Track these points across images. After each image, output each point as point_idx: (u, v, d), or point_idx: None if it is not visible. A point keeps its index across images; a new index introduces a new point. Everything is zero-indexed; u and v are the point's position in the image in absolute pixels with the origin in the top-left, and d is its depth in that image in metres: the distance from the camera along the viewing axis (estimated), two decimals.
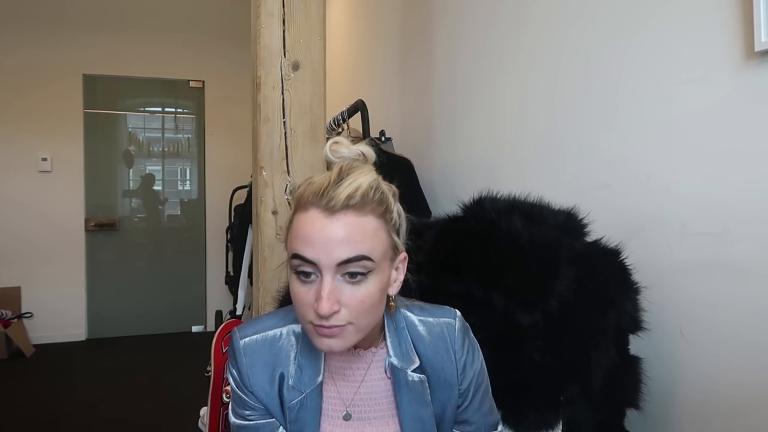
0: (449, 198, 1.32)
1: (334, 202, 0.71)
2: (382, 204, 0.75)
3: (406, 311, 0.87)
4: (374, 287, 0.73)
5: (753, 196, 0.91)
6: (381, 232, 0.74)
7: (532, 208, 1.05)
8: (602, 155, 1.23)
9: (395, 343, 0.84)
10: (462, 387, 0.85)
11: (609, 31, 1.21)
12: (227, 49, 4.63)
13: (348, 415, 0.83)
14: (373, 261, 0.72)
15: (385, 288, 0.77)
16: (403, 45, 2.34)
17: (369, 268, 0.72)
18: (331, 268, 0.71)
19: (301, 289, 0.73)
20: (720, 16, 0.95)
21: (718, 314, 0.97)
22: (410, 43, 2.25)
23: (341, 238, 0.70)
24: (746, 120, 0.92)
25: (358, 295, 0.72)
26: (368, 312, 0.74)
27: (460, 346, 0.85)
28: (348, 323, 0.73)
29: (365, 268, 0.72)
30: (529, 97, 1.49)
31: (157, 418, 2.90)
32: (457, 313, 0.88)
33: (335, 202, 0.71)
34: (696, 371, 1.02)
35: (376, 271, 0.73)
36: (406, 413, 0.82)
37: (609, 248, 1.05)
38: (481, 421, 0.87)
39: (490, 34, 1.66)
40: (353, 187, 0.72)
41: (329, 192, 0.72)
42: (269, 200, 1.41)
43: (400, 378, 0.83)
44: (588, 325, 0.99)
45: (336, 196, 0.71)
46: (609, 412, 1.02)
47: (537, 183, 1.40)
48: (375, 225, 0.73)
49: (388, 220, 0.76)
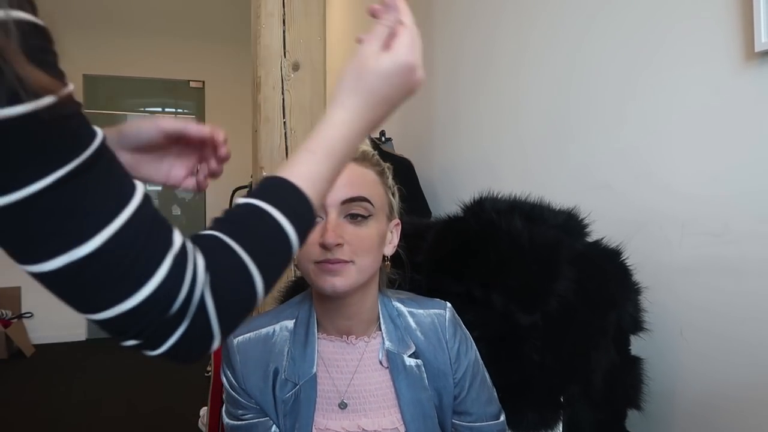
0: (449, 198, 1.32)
1: None
2: (380, 166, 0.86)
3: (398, 303, 0.89)
4: (374, 231, 0.80)
5: (753, 196, 0.91)
6: (379, 186, 0.83)
7: (533, 209, 1.05)
8: (602, 155, 1.23)
9: (390, 329, 0.85)
10: (457, 376, 0.86)
11: (609, 32, 1.21)
12: (227, 50, 4.63)
13: (343, 403, 0.83)
14: (373, 205, 0.80)
15: (382, 239, 0.82)
16: None
17: (369, 211, 0.79)
18: (336, 206, 0.77)
19: None
20: (720, 16, 0.95)
21: (718, 314, 0.97)
22: None
23: (345, 181, 0.77)
24: (746, 120, 0.92)
25: (359, 233, 0.78)
26: (368, 252, 0.79)
27: (452, 335, 0.87)
28: (350, 261, 0.77)
29: (366, 211, 0.79)
30: (529, 97, 1.49)
31: (157, 418, 2.90)
32: (448, 305, 0.90)
33: None
34: (696, 371, 1.02)
35: (375, 218, 0.80)
36: (405, 398, 0.83)
37: (610, 248, 1.05)
38: (481, 411, 0.88)
39: (491, 34, 1.66)
40: None
41: None
42: None
43: (397, 363, 0.83)
44: (588, 326, 0.99)
45: None
46: (610, 412, 1.02)
47: (537, 183, 1.40)
48: (374, 178, 0.83)
49: (385, 181, 0.85)
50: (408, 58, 0.57)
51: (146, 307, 0.42)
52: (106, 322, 0.42)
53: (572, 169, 1.33)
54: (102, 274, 0.40)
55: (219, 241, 0.46)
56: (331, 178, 0.53)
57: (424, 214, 1.76)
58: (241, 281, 0.46)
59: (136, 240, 0.41)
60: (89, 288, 0.41)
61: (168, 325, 0.43)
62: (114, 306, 0.41)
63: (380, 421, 0.82)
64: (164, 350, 0.44)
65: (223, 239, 0.46)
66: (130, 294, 0.41)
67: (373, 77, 0.55)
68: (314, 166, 0.51)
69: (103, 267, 0.40)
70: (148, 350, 0.44)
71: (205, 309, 0.44)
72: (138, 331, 0.43)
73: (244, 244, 0.46)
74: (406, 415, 0.82)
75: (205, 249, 0.45)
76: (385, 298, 0.88)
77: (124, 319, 0.42)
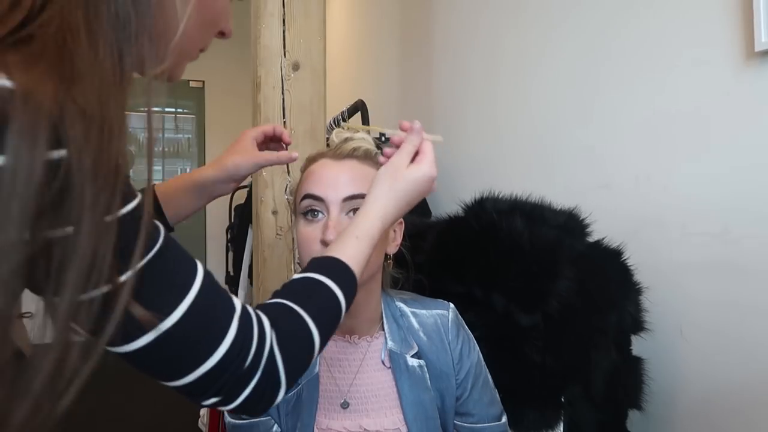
0: (449, 198, 1.32)
1: (341, 150, 0.83)
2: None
3: (401, 303, 0.89)
4: None
5: (753, 196, 0.91)
6: None
7: (534, 209, 1.05)
8: (602, 155, 1.23)
9: (393, 329, 0.85)
10: (459, 377, 0.86)
11: (609, 31, 1.21)
12: (227, 49, 4.61)
13: (346, 403, 0.83)
14: None
15: (385, 237, 0.82)
16: (403, 45, 2.34)
17: None
18: (338, 203, 0.78)
19: (308, 228, 0.79)
20: (720, 16, 0.95)
21: (718, 314, 0.97)
22: (410, 43, 2.25)
23: (347, 178, 0.79)
24: (746, 120, 0.92)
25: None
26: None
27: (455, 336, 0.87)
28: None
29: None
30: (529, 97, 1.49)
31: (157, 418, 2.90)
32: (451, 305, 0.90)
33: (342, 151, 0.83)
34: (697, 371, 1.02)
35: None
36: (408, 399, 0.83)
37: (610, 249, 1.05)
38: (483, 412, 0.88)
39: (491, 33, 1.66)
40: (357, 144, 0.84)
41: (338, 146, 0.84)
42: (269, 200, 1.41)
43: (400, 364, 0.83)
44: (589, 326, 0.99)
45: (343, 147, 0.83)
46: (611, 412, 1.02)
47: (538, 183, 1.40)
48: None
49: None
50: (432, 171, 0.71)
51: (223, 365, 0.48)
52: (189, 386, 0.48)
53: (572, 169, 1.33)
54: (182, 343, 0.46)
55: (283, 305, 0.55)
56: (369, 257, 0.65)
57: (424, 213, 1.76)
58: (303, 337, 0.54)
59: (207, 309, 0.48)
60: (173, 358, 0.47)
61: (242, 378, 0.49)
62: (195, 370, 0.47)
63: (382, 422, 0.82)
64: (239, 402, 0.50)
65: (287, 303, 0.55)
66: (208, 357, 0.47)
67: (405, 183, 0.69)
68: (358, 250, 0.63)
69: (183, 337, 0.46)
70: (226, 404, 0.51)
71: (274, 360, 0.51)
72: (218, 389, 0.49)
73: (304, 307, 0.55)
74: (408, 416, 0.82)
75: (270, 311, 0.54)
76: (388, 297, 0.88)
77: (205, 380, 0.47)
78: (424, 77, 2.10)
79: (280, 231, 1.41)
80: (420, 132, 0.72)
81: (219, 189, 0.88)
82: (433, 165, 0.72)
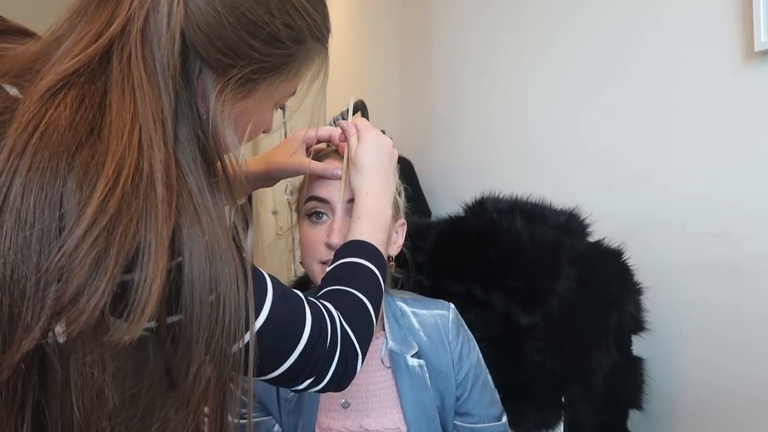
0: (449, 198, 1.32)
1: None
2: None
3: (401, 303, 0.89)
4: None
5: (753, 196, 0.91)
6: None
7: (534, 209, 1.05)
8: (603, 155, 1.23)
9: (394, 329, 0.85)
10: (459, 377, 0.86)
11: (609, 31, 1.21)
12: None
13: (346, 402, 0.83)
14: None
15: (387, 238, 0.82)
16: (402, 45, 2.34)
17: None
18: (343, 205, 0.78)
19: (312, 231, 0.80)
20: (720, 16, 0.95)
21: (717, 314, 0.97)
22: (410, 43, 2.25)
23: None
24: (746, 120, 0.92)
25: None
26: None
27: (455, 336, 0.87)
28: None
29: None
30: (529, 97, 1.49)
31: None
32: (451, 306, 0.90)
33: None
34: (697, 371, 1.02)
35: None
36: (408, 398, 0.83)
37: (610, 248, 1.05)
38: (483, 413, 0.88)
39: (491, 33, 1.66)
40: None
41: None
42: (269, 201, 1.41)
43: (400, 363, 0.83)
44: (589, 326, 0.99)
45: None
46: (611, 412, 1.02)
47: (538, 183, 1.40)
48: None
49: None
50: (374, 133, 0.77)
51: (310, 347, 0.55)
52: (284, 374, 0.55)
53: (573, 169, 1.33)
54: (274, 336, 0.54)
55: (332, 290, 0.63)
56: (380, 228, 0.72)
57: (424, 213, 1.76)
58: (362, 310, 0.62)
59: (284, 303, 0.55)
60: (269, 351, 0.53)
61: (328, 356, 0.57)
62: (287, 359, 0.54)
63: (382, 421, 0.82)
64: (329, 378, 0.58)
65: (334, 287, 0.63)
66: (297, 344, 0.55)
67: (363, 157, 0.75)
68: (364, 227, 0.70)
69: (273, 332, 0.53)
70: (319, 383, 0.58)
71: (347, 334, 0.59)
72: (309, 371, 0.56)
73: (348, 285, 0.63)
74: (408, 415, 0.82)
75: (328, 297, 0.62)
76: (388, 297, 0.88)
77: (297, 365, 0.55)
78: (424, 77, 2.09)
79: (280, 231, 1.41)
80: (346, 124, 0.78)
81: (258, 185, 0.87)
82: (371, 130, 0.77)
